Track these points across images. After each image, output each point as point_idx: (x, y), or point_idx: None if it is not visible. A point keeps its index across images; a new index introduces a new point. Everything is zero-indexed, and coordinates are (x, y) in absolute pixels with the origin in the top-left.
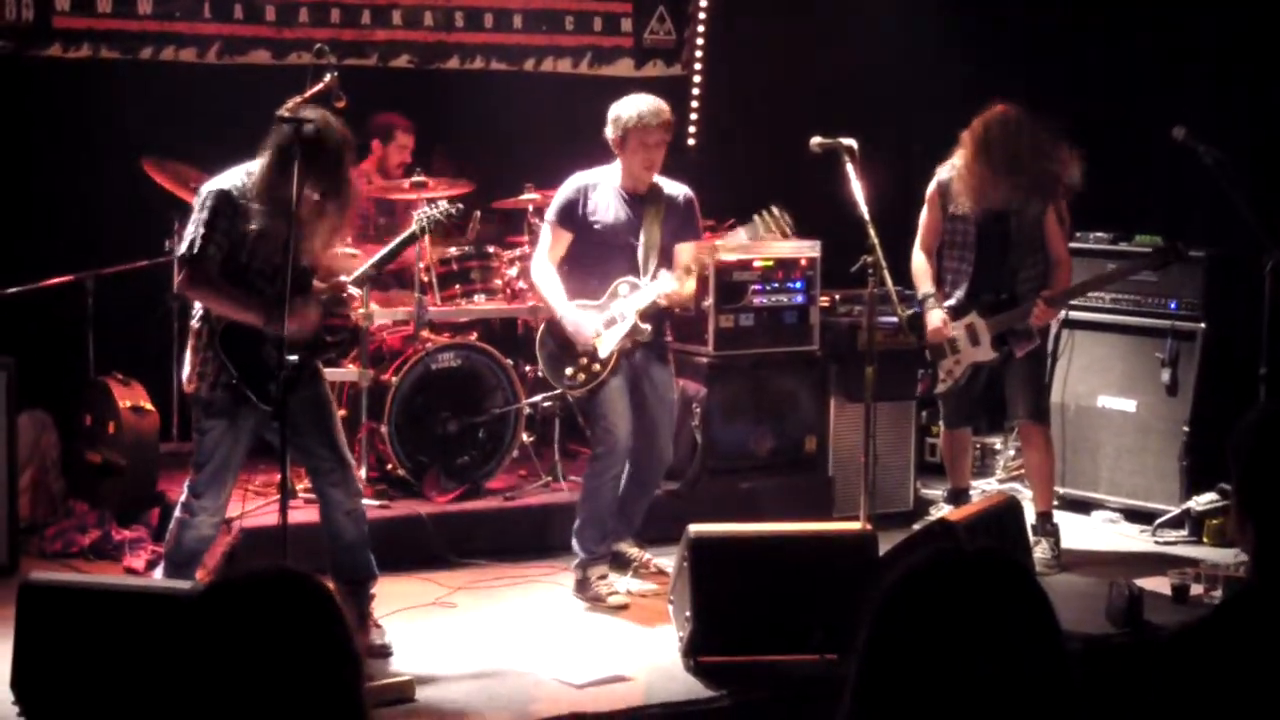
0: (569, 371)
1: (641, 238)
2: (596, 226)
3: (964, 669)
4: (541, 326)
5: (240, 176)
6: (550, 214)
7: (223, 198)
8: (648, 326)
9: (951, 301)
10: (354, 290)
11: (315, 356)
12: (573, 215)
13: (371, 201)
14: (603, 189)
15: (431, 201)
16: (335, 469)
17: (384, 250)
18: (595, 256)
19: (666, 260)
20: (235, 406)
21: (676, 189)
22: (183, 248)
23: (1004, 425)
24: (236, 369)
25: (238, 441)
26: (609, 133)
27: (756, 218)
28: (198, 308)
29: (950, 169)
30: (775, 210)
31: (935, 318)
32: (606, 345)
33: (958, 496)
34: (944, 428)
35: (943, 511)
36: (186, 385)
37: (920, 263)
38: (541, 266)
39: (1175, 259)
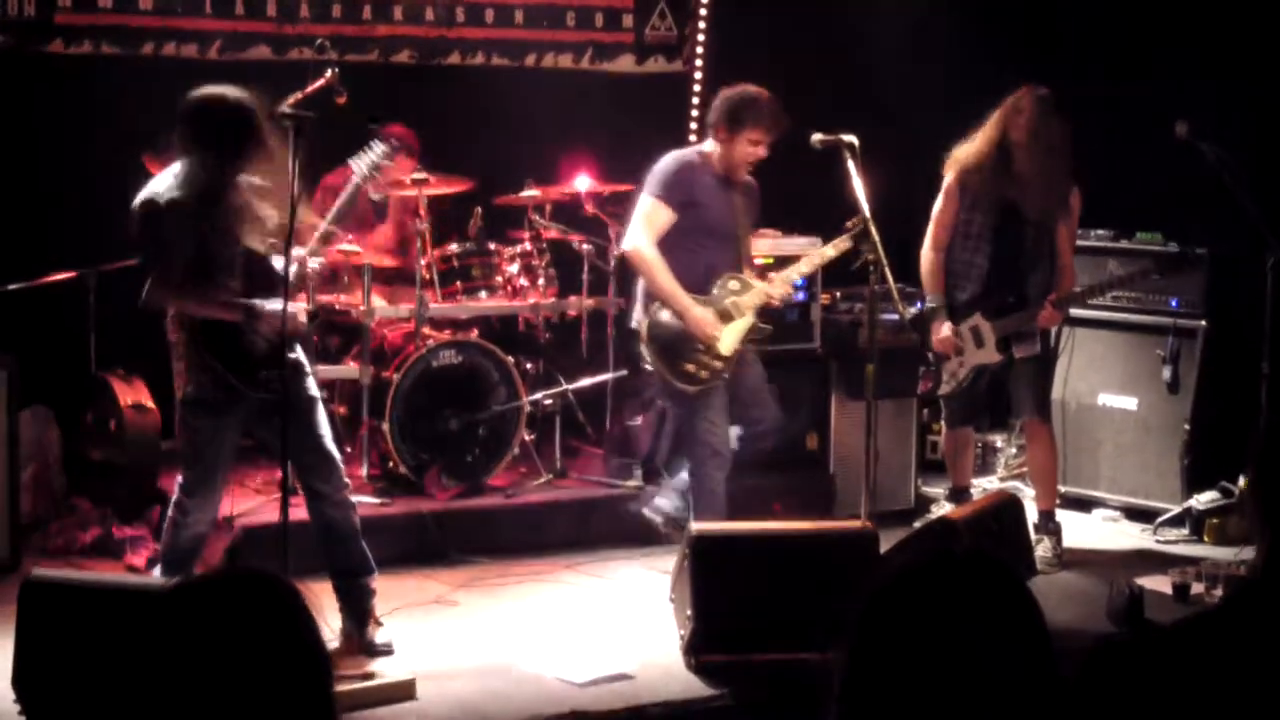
0: (689, 368)
1: (738, 228)
2: (703, 212)
3: (949, 670)
4: (644, 319)
5: (168, 181)
6: (656, 188)
7: (153, 205)
8: (769, 326)
9: (963, 295)
10: (313, 263)
11: (297, 334)
12: (682, 194)
13: (369, 200)
14: (705, 172)
15: (365, 148)
16: (320, 463)
17: (331, 212)
18: (698, 244)
19: (747, 253)
20: (226, 402)
21: (749, 178)
22: (141, 265)
23: (1006, 423)
24: (222, 362)
25: (226, 438)
26: (718, 117)
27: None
28: (171, 319)
29: (969, 155)
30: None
31: (944, 330)
32: (729, 343)
33: (959, 495)
34: (945, 427)
35: (944, 510)
36: (180, 392)
37: (931, 265)
38: (650, 249)
39: (1185, 264)
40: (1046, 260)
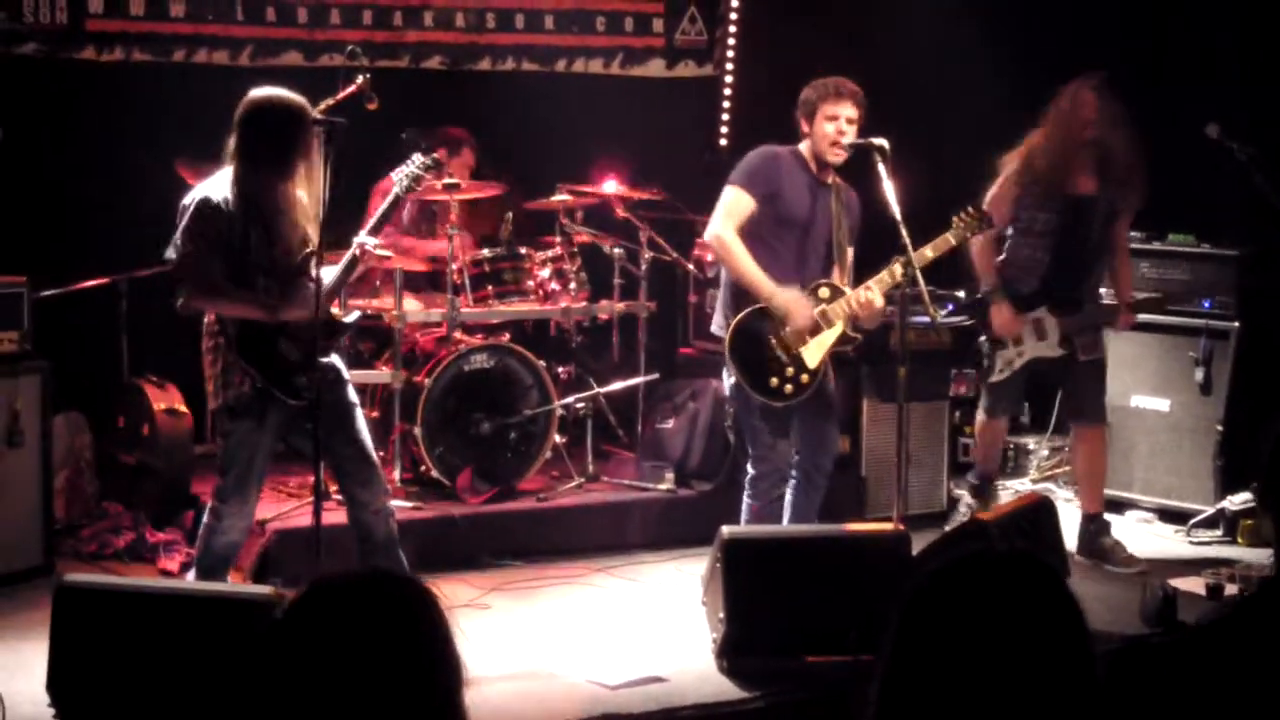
0: (773, 382)
1: (833, 233)
2: (787, 206)
3: (990, 669)
4: (732, 326)
5: (222, 183)
6: (738, 178)
7: (207, 204)
8: (859, 335)
9: (1024, 290)
10: (370, 242)
11: (332, 340)
12: (765, 185)
13: (415, 204)
14: (795, 168)
15: (407, 160)
16: (361, 469)
17: (372, 221)
18: (781, 240)
19: (842, 261)
20: (262, 408)
21: (849, 189)
22: (175, 260)
23: (1045, 425)
24: (259, 371)
25: (261, 444)
26: (798, 112)
27: (956, 219)
28: (206, 327)
29: (1033, 154)
30: (971, 209)
31: (1005, 310)
32: (814, 354)
33: (985, 482)
34: (985, 416)
35: (967, 500)
36: (212, 401)
37: (983, 253)
38: (731, 235)
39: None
40: (1104, 259)
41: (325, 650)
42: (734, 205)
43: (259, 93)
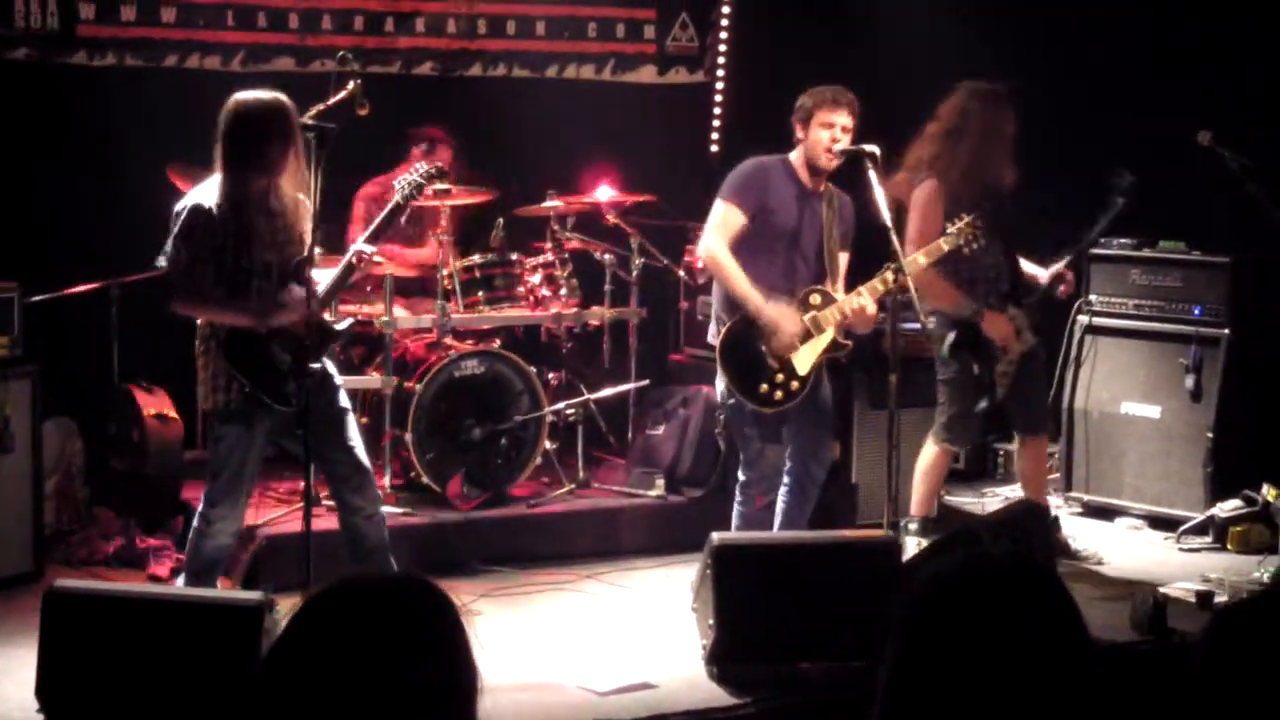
0: (763, 388)
1: (824, 241)
2: (776, 218)
3: (994, 676)
4: (723, 332)
5: (210, 190)
6: (728, 193)
7: (198, 211)
8: (849, 343)
9: (993, 300)
10: (369, 248)
11: (323, 346)
12: (755, 199)
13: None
14: (784, 179)
15: (411, 169)
16: (353, 475)
17: (371, 228)
18: (772, 251)
19: (834, 268)
20: (251, 411)
21: (842, 194)
22: (166, 266)
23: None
24: (247, 377)
25: (252, 448)
26: (794, 118)
27: (950, 226)
28: (199, 330)
29: (936, 163)
30: (967, 217)
31: (998, 319)
32: (805, 361)
33: (928, 521)
34: (945, 445)
35: (914, 540)
36: (202, 404)
37: (938, 282)
38: (724, 252)
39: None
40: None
41: (346, 651)
42: (725, 220)
43: (236, 96)
